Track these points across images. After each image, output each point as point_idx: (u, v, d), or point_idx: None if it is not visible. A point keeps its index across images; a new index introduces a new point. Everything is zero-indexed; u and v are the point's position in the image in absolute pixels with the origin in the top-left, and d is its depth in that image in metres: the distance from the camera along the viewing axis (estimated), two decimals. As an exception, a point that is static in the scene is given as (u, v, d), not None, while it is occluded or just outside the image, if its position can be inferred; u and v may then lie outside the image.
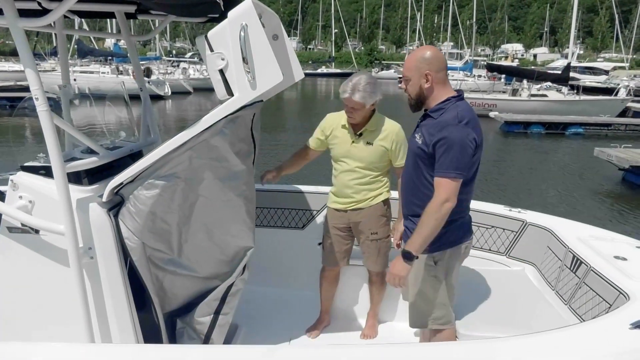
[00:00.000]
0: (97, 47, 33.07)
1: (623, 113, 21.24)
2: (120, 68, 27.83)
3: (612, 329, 1.91)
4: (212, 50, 2.02)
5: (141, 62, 31.97)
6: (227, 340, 2.71)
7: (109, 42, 41.54)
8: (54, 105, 2.11)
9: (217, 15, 2.71)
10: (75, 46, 26.91)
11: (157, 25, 3.12)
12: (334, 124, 2.92)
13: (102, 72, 26.43)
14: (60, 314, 2.25)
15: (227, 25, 1.99)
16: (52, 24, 2.50)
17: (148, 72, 26.43)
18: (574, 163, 13.02)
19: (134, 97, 2.95)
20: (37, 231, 2.20)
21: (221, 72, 2.04)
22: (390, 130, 2.80)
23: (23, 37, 1.90)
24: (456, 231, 2.25)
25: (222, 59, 2.01)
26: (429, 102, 2.28)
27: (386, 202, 2.95)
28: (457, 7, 60.92)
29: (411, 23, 73.40)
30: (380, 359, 1.76)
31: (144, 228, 2.20)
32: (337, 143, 2.89)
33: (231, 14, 1.99)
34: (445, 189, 2.12)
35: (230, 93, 2.07)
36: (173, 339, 2.52)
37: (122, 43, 37.53)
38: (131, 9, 2.70)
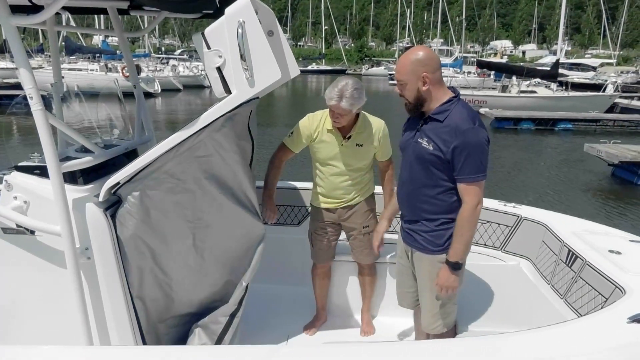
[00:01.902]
0: (84, 44, 32.70)
1: (611, 109, 21.53)
2: (109, 65, 27.57)
3: (610, 324, 1.93)
4: (209, 47, 2.00)
5: (130, 60, 31.79)
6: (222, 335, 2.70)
7: (97, 39, 41.14)
8: (46, 103, 2.08)
9: (211, 12, 2.69)
10: (63, 43, 26.60)
11: (145, 22, 3.07)
12: (318, 127, 2.81)
13: (91, 70, 26.16)
14: (57, 316, 2.22)
15: (224, 22, 1.97)
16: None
17: (137, 70, 26.19)
18: (564, 159, 13.14)
19: (126, 95, 2.92)
20: (32, 232, 2.17)
21: (219, 69, 2.02)
22: (377, 128, 2.79)
23: (16, 35, 1.87)
24: None
25: (220, 57, 1.99)
26: (429, 104, 2.21)
27: (372, 194, 3.00)
28: (446, 3, 61.04)
29: (401, 20, 73.42)
30: (385, 356, 1.76)
31: (143, 228, 2.18)
32: (324, 147, 2.82)
33: (228, 10, 1.97)
34: (475, 193, 2.14)
35: (228, 91, 2.05)
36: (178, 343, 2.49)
37: (110, 40, 37.19)
38: (124, 4, 2.67)
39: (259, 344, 1.80)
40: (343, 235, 3.13)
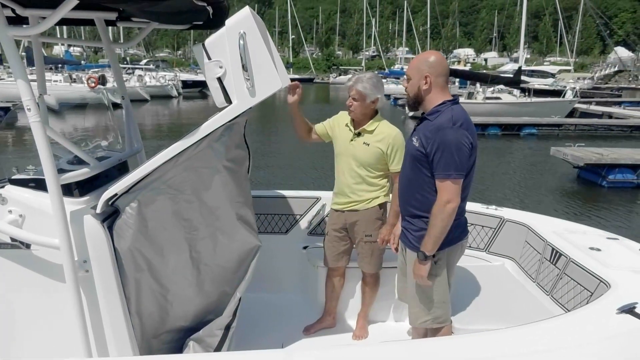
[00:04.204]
0: (45, 54, 31.77)
1: (571, 114, 22.45)
2: (74, 76, 26.87)
3: (600, 315, 2.04)
4: (209, 58, 2.02)
5: (94, 70, 30.53)
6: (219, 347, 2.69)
7: (58, 49, 40.03)
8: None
9: (200, 23, 2.71)
10: (24, 54, 25.77)
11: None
12: (340, 120, 3.03)
13: (55, 81, 25.42)
14: (56, 329, 2.18)
15: (224, 34, 2.00)
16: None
17: (103, 80, 25.63)
18: (531, 162, 13.58)
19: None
20: (28, 246, 2.13)
21: (219, 79, 2.04)
22: (388, 134, 2.85)
23: (13, 46, 1.85)
24: (454, 231, 2.33)
25: (221, 67, 2.02)
26: (426, 104, 2.35)
27: (382, 205, 2.99)
28: (410, 13, 62.40)
29: (367, 29, 74.45)
30: (392, 356, 1.81)
31: (140, 240, 2.16)
32: (338, 140, 3.00)
33: (229, 22, 2.00)
34: (447, 190, 2.22)
35: (228, 100, 2.07)
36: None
37: (72, 50, 36.18)
38: (112, 16, 2.66)
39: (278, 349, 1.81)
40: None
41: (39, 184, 2.10)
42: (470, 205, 3.59)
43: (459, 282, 3.15)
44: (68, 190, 2.19)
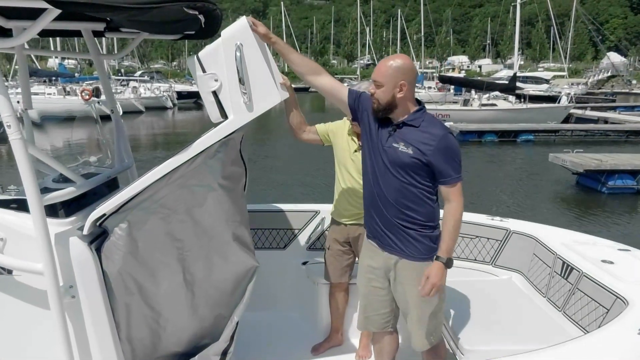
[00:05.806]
0: (39, 67, 31.67)
1: (566, 119, 22.47)
2: (68, 89, 26.74)
3: (622, 336, 1.92)
4: (204, 71, 1.91)
5: (89, 82, 30.53)
6: None
7: (52, 62, 39.99)
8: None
9: (192, 32, 2.61)
10: (17, 66, 25.64)
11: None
12: (341, 128, 2.90)
13: (48, 94, 25.27)
14: (41, 359, 2.05)
15: (220, 45, 1.89)
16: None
17: (97, 92, 25.53)
18: (529, 168, 13.52)
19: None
20: (9, 271, 1.99)
21: (214, 93, 1.93)
22: None
23: None
24: None
25: (216, 80, 1.91)
26: (397, 112, 2.26)
27: None
28: (404, 21, 62.79)
29: (361, 37, 74.83)
30: None
31: (130, 262, 2.04)
32: (339, 149, 2.90)
33: (225, 33, 1.90)
34: (460, 192, 2.23)
35: (224, 115, 1.96)
36: None
37: (67, 62, 36.11)
38: (100, 26, 2.55)
39: None
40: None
41: (22, 205, 1.97)
42: (474, 217, 3.48)
43: (465, 297, 3.02)
44: (53, 210, 2.07)
